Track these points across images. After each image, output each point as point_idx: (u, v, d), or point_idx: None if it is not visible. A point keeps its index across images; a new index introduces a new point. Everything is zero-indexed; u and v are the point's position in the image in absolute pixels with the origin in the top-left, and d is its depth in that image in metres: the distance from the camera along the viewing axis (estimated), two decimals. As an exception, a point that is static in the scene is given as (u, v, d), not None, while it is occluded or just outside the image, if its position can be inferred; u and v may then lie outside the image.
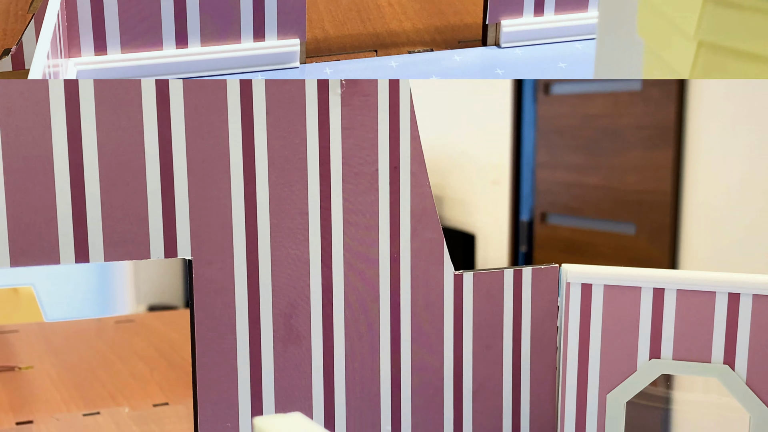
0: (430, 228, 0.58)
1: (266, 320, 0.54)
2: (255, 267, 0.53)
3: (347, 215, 0.55)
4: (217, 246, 0.52)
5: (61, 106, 0.47)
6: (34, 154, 0.47)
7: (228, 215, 0.52)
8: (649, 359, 0.58)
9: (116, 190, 0.49)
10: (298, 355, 0.55)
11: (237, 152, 0.52)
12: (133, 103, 0.49)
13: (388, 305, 0.57)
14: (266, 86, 0.52)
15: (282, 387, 0.55)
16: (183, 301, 3.75)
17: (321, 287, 0.55)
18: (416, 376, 0.59)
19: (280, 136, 0.53)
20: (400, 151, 0.57)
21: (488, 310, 0.61)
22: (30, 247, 0.47)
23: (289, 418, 0.37)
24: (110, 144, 0.49)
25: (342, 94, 0.54)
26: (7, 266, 0.47)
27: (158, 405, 1.00)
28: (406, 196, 0.57)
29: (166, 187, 0.50)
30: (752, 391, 0.56)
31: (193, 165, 0.51)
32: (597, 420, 0.59)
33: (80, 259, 0.49)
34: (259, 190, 0.52)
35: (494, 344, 0.61)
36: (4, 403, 1.00)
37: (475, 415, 0.61)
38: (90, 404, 0.99)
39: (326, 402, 0.56)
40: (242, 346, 0.53)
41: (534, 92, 1.98)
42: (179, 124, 0.50)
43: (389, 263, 0.57)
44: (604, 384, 0.59)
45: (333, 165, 0.54)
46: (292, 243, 0.54)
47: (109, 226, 0.49)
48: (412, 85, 0.57)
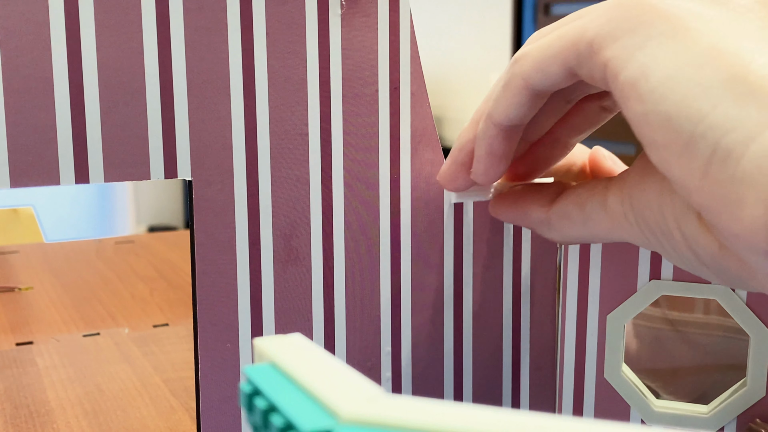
0: (430, 148, 0.58)
1: (266, 241, 0.54)
2: (255, 188, 0.53)
3: (347, 136, 0.55)
4: (217, 167, 0.51)
5: (61, 27, 0.47)
6: (34, 74, 0.47)
7: (228, 136, 0.52)
8: (650, 280, 0.58)
9: (116, 110, 0.49)
10: (297, 276, 0.55)
11: (237, 73, 0.51)
12: (133, 23, 0.48)
13: (388, 226, 0.57)
14: (266, 6, 0.51)
15: (282, 308, 0.55)
16: (183, 221, 3.75)
17: (321, 208, 0.55)
18: (416, 297, 0.59)
19: (280, 57, 0.52)
20: (400, 72, 0.56)
21: (488, 231, 0.61)
22: (30, 167, 0.47)
23: (289, 338, 0.37)
24: (110, 64, 0.48)
25: (342, 15, 0.54)
26: (7, 187, 0.47)
27: (158, 326, 1.00)
28: (406, 116, 0.57)
29: (166, 108, 0.50)
30: (752, 311, 0.56)
31: (193, 86, 0.50)
32: (597, 341, 0.59)
33: (80, 179, 0.49)
34: (259, 110, 0.52)
35: (494, 265, 0.61)
36: (4, 324, 1.01)
37: (475, 336, 0.61)
38: (90, 325, 1.00)
39: (326, 323, 0.56)
40: (242, 267, 0.53)
41: (534, 13, 1.96)
42: (179, 45, 0.50)
43: (389, 184, 0.57)
44: (605, 305, 0.59)
45: (333, 86, 0.54)
46: (292, 164, 0.54)
47: (109, 147, 0.49)
48: (412, 5, 0.56)
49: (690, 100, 0.40)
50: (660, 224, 0.47)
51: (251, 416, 0.33)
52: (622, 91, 0.43)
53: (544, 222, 0.55)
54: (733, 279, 0.45)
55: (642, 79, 0.42)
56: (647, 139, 0.42)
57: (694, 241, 0.45)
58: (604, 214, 0.51)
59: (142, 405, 0.76)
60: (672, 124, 0.41)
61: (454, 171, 0.56)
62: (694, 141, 0.40)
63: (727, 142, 0.39)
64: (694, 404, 0.59)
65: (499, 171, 0.53)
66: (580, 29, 0.46)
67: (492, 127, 0.52)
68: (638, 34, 0.43)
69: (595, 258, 0.59)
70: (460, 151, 0.55)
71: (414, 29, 0.56)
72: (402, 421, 0.29)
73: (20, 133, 0.47)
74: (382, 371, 0.58)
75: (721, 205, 0.40)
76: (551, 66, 0.47)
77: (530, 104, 0.50)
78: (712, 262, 0.45)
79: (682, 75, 0.41)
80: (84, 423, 0.72)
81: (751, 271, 0.43)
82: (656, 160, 0.42)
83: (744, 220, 0.39)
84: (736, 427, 0.58)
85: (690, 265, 0.47)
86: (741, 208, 0.39)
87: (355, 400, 0.30)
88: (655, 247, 0.49)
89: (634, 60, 0.42)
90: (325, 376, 0.33)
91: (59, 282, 1.18)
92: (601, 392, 0.60)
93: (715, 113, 0.39)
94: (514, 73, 0.49)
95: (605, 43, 0.44)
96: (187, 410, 0.75)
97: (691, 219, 0.45)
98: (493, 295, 0.61)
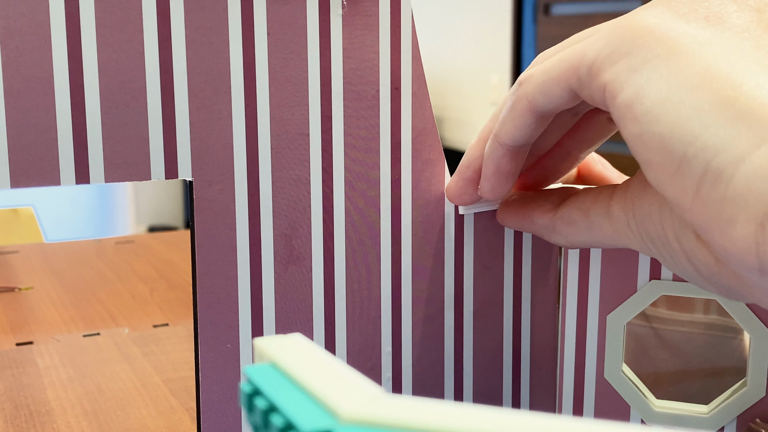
0: (431, 149, 0.58)
1: (267, 241, 0.54)
2: (256, 188, 0.53)
3: (348, 136, 0.55)
4: (217, 167, 0.52)
5: (62, 27, 0.47)
6: (34, 74, 0.47)
7: (229, 136, 0.52)
8: (650, 280, 0.58)
9: (117, 110, 0.49)
10: (298, 276, 0.55)
11: (238, 73, 0.51)
12: (134, 23, 0.48)
13: (389, 226, 0.57)
14: (267, 6, 0.51)
15: (282, 308, 0.55)
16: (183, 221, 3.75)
17: (322, 208, 0.55)
18: (417, 297, 0.59)
19: (281, 57, 0.52)
20: (401, 72, 0.56)
21: (488, 231, 0.61)
22: (30, 167, 0.47)
23: (290, 338, 0.37)
24: (111, 64, 0.48)
25: (343, 15, 0.54)
26: (7, 187, 0.47)
27: (158, 326, 1.00)
28: (407, 117, 0.57)
29: (166, 108, 0.50)
30: (752, 311, 0.56)
31: (193, 86, 0.50)
32: (597, 341, 0.59)
33: (81, 180, 0.49)
34: (260, 111, 0.52)
35: (494, 265, 0.61)
36: (4, 324, 1.01)
37: (476, 336, 0.61)
38: (90, 325, 1.00)
39: (326, 323, 0.56)
40: (243, 267, 0.53)
41: (534, 13, 1.96)
42: (180, 45, 0.50)
43: (390, 184, 0.57)
44: (604, 305, 0.59)
45: (334, 86, 0.54)
46: (293, 164, 0.54)
47: (110, 147, 0.49)
48: (413, 6, 0.56)
49: (682, 122, 0.41)
50: (660, 236, 0.47)
51: (251, 416, 0.33)
52: (619, 112, 0.44)
53: (549, 228, 0.56)
54: (731, 292, 0.46)
55: (637, 101, 0.43)
56: (643, 159, 0.43)
57: (693, 255, 0.46)
58: (608, 222, 0.52)
59: (142, 405, 0.77)
60: (665, 144, 0.41)
61: (462, 187, 0.57)
62: (686, 161, 0.41)
63: (717, 162, 0.40)
64: (694, 404, 0.59)
65: (506, 188, 0.55)
66: (580, 53, 0.47)
67: (499, 148, 0.53)
68: (635, 57, 0.44)
69: (595, 258, 0.59)
70: (468, 167, 0.57)
71: (415, 29, 0.56)
72: (402, 421, 0.29)
73: (20, 133, 0.47)
74: (382, 371, 0.58)
75: (713, 223, 0.40)
76: (554, 89, 0.48)
77: (536, 125, 0.51)
78: (710, 275, 0.46)
79: (676, 97, 0.41)
80: (84, 423, 0.73)
81: (746, 286, 0.43)
82: (651, 179, 0.43)
83: (735, 238, 0.40)
84: (736, 427, 0.58)
85: (689, 275, 0.48)
86: (732, 227, 0.39)
87: (355, 400, 0.30)
88: (656, 255, 0.49)
89: (631, 82, 0.43)
90: (326, 376, 0.33)
91: (59, 282, 1.18)
92: (601, 392, 0.60)
93: (707, 134, 0.40)
94: (519, 96, 0.51)
95: (604, 67, 0.45)
96: (187, 410, 0.76)
97: (688, 233, 0.45)
98: (494, 295, 0.61)
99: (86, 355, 0.89)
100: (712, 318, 0.63)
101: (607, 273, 0.59)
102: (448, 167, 0.59)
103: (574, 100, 0.49)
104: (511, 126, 0.51)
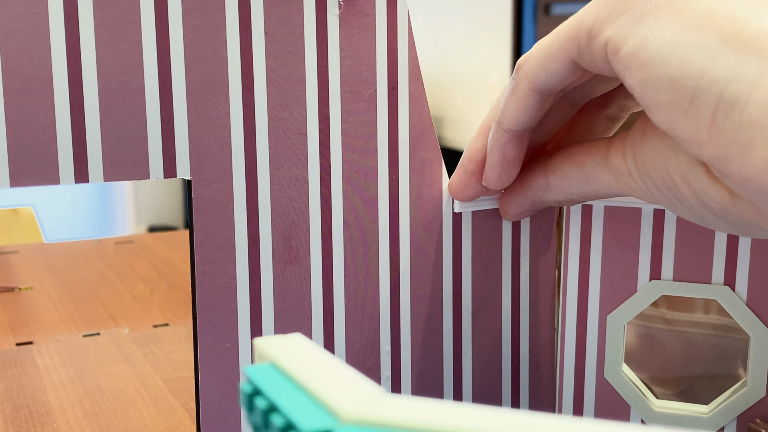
0: (429, 148, 0.58)
1: (266, 240, 0.54)
2: (254, 187, 0.53)
3: (346, 136, 0.55)
4: (216, 166, 0.51)
5: (61, 27, 0.47)
6: (34, 74, 0.47)
7: (227, 136, 0.52)
8: (650, 280, 0.58)
9: (116, 110, 0.49)
10: (297, 276, 0.55)
11: (236, 73, 0.51)
12: (132, 23, 0.48)
13: (386, 226, 0.57)
14: (264, 6, 0.51)
15: (281, 307, 0.55)
16: (182, 221, 3.75)
17: (320, 208, 0.55)
18: (415, 297, 0.59)
19: (278, 57, 0.52)
20: (398, 72, 0.56)
21: (486, 230, 0.61)
22: (30, 167, 0.47)
23: (289, 338, 0.37)
24: (109, 64, 0.48)
25: (340, 15, 0.54)
26: (7, 186, 0.47)
27: (158, 326, 1.00)
28: (404, 116, 0.57)
29: (165, 108, 0.50)
30: (752, 311, 0.56)
31: (192, 85, 0.50)
32: (597, 341, 0.59)
33: (80, 179, 0.49)
34: (258, 110, 0.52)
35: (493, 264, 0.61)
36: (4, 324, 1.01)
37: (475, 336, 0.61)
38: (90, 325, 1.00)
39: (326, 323, 0.56)
40: (242, 267, 0.53)
41: (534, 13, 1.96)
42: (178, 45, 0.50)
43: (388, 183, 0.57)
44: (605, 305, 0.59)
45: (331, 85, 0.54)
46: (291, 163, 0.54)
47: (109, 147, 0.49)
48: (413, 5, 0.56)
49: (691, 60, 0.42)
50: (666, 181, 0.48)
51: (251, 416, 0.33)
52: (623, 63, 0.45)
53: (543, 186, 0.56)
54: (747, 226, 0.46)
55: (642, 49, 0.44)
56: (652, 102, 0.44)
57: (704, 194, 0.46)
58: (607, 172, 0.52)
59: (142, 405, 0.76)
60: (675, 83, 0.42)
61: (465, 180, 0.57)
62: (698, 95, 0.42)
63: (730, 92, 0.41)
64: (694, 404, 0.59)
65: (511, 176, 0.55)
66: (578, 20, 0.48)
67: (503, 134, 0.53)
68: (633, 11, 0.45)
69: (595, 258, 0.59)
70: (470, 160, 0.57)
71: (412, 29, 0.56)
72: (402, 421, 0.29)
73: (20, 132, 0.47)
74: (381, 371, 0.58)
75: (731, 151, 0.41)
76: (554, 62, 0.49)
77: (538, 106, 0.51)
78: (723, 212, 0.46)
79: (681, 38, 0.43)
80: (84, 423, 0.72)
81: (764, 216, 0.44)
82: (662, 120, 0.44)
83: (754, 162, 0.40)
84: (736, 427, 0.58)
85: (699, 217, 0.48)
86: (751, 151, 0.40)
87: (355, 400, 0.30)
88: (661, 202, 0.50)
89: (633, 34, 0.44)
90: (325, 375, 0.33)
91: (59, 282, 1.18)
92: (601, 392, 0.60)
93: (716, 68, 0.41)
94: (519, 79, 0.51)
95: (603, 27, 0.46)
96: (187, 410, 0.75)
97: (698, 173, 0.46)
98: (493, 295, 0.61)
99: (86, 355, 0.89)
100: (712, 318, 0.63)
101: (607, 273, 0.59)
102: (449, 167, 0.59)
103: (574, 72, 0.49)
104: (514, 110, 0.52)
